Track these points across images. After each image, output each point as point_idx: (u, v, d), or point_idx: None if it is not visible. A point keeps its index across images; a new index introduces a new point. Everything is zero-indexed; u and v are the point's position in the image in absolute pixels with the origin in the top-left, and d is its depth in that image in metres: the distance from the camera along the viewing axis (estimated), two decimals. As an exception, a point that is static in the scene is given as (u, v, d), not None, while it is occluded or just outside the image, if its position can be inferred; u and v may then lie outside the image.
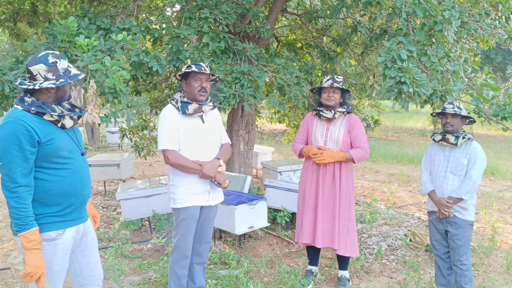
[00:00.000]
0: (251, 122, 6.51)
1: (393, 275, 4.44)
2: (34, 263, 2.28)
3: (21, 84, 2.36)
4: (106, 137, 13.79)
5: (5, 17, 6.75)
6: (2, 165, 2.26)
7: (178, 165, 3.22)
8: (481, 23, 4.63)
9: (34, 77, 2.37)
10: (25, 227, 2.26)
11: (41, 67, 2.37)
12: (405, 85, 3.76)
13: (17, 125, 2.26)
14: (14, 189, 2.25)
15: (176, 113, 3.29)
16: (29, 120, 2.31)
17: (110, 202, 7.08)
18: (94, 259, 2.76)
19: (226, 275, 4.13)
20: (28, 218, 2.27)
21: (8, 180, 2.25)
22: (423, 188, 3.83)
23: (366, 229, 5.68)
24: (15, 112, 2.33)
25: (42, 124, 2.36)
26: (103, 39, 4.38)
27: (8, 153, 2.24)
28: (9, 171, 2.24)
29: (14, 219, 2.26)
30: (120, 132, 8.01)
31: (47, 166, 2.38)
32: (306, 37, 7.70)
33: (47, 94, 2.42)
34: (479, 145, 3.62)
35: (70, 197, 2.47)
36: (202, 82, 3.29)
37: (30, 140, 2.28)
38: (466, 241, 3.64)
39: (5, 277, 4.25)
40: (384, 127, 22.55)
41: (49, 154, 2.37)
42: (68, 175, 2.46)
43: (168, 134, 3.22)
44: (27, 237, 2.26)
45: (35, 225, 2.30)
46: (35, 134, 2.29)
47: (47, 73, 2.38)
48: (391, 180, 9.41)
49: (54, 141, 2.38)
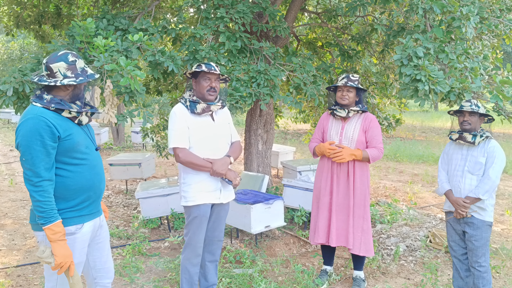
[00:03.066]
0: (269, 121, 6.50)
1: (411, 277, 4.36)
2: (62, 253, 2.36)
3: (40, 81, 2.43)
4: (131, 137, 13.99)
5: (30, 19, 6.92)
6: (25, 160, 2.32)
7: (189, 163, 3.24)
8: (502, 18, 4.51)
9: (53, 74, 2.44)
10: (50, 219, 2.33)
11: (61, 64, 2.44)
12: (420, 83, 3.69)
13: (38, 121, 2.33)
14: (39, 183, 2.31)
15: (186, 112, 3.32)
16: (49, 116, 2.38)
17: (131, 201, 7.18)
18: (107, 252, 2.83)
19: (240, 274, 4.14)
20: (52, 211, 2.34)
21: (32, 174, 2.32)
22: (439, 188, 3.75)
23: (386, 230, 5.59)
24: (35, 109, 2.39)
25: (61, 120, 2.43)
26: (120, 40, 4.44)
27: (31, 148, 2.31)
28: (33, 166, 2.31)
29: (39, 213, 2.32)
30: (142, 131, 8.14)
31: (66, 162, 2.46)
32: (326, 35, 7.64)
33: (65, 92, 2.50)
34: (498, 144, 3.51)
35: (88, 191, 2.55)
36: (212, 82, 3.31)
37: (51, 136, 2.35)
38: (484, 242, 3.54)
39: (26, 273, 4.36)
40: (412, 127, 22.17)
41: (68, 149, 2.44)
42: (86, 170, 2.54)
43: (179, 132, 3.25)
44: (52, 229, 2.34)
45: (59, 218, 2.37)
46: (55, 130, 2.37)
47: (66, 71, 2.46)
48: (415, 180, 9.24)
49: (72, 137, 2.46)
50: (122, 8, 6.84)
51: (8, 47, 19.73)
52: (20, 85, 4.12)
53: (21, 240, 5.30)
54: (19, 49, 19.18)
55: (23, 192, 7.76)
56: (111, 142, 14.14)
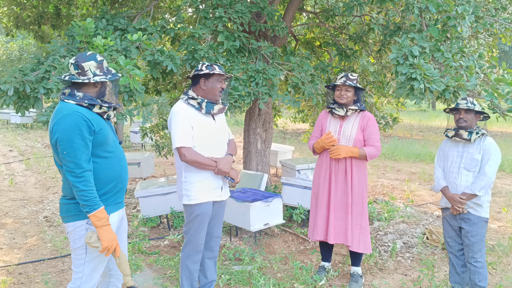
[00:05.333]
0: (268, 120, 6.55)
1: (408, 273, 4.41)
2: (108, 237, 2.52)
3: (72, 78, 2.57)
4: (130, 137, 14.03)
5: (30, 20, 6.97)
6: (66, 153, 2.45)
7: (194, 162, 3.27)
8: (497, 17, 4.56)
9: (84, 72, 2.57)
10: (94, 207, 2.48)
11: (92, 63, 2.59)
12: (416, 82, 3.74)
13: (76, 117, 2.48)
14: (81, 174, 2.46)
15: (189, 111, 3.33)
16: (84, 112, 2.53)
17: (130, 200, 7.22)
18: (125, 243, 2.94)
19: (240, 271, 4.18)
20: (96, 199, 2.50)
21: (74, 166, 2.45)
22: (436, 185, 3.80)
23: (383, 227, 5.65)
24: (69, 105, 2.53)
25: (93, 116, 2.58)
26: (119, 40, 4.49)
27: (72, 142, 2.45)
28: (75, 158, 2.45)
29: (84, 201, 2.46)
30: (141, 131, 8.18)
31: (98, 155, 2.60)
32: (324, 35, 7.69)
33: (94, 89, 2.65)
34: (493, 141, 3.57)
35: (117, 182, 2.71)
36: (223, 83, 3.40)
37: (88, 130, 2.51)
38: (480, 238, 3.59)
39: (27, 271, 4.40)
40: (409, 126, 22.26)
41: (100, 142, 2.59)
42: (114, 162, 2.70)
43: (183, 132, 3.26)
44: (97, 216, 2.49)
45: (101, 205, 2.53)
46: (91, 124, 2.52)
47: (96, 69, 2.61)
48: (413, 179, 9.30)
49: (103, 131, 2.60)
50: (120, 8, 6.89)
51: (7, 47, 19.76)
52: (20, 85, 4.16)
53: (22, 239, 5.34)
54: (18, 50, 19.22)
55: (22, 191, 7.80)
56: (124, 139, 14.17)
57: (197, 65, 3.43)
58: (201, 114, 3.37)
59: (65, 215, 2.62)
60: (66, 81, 2.60)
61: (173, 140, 3.29)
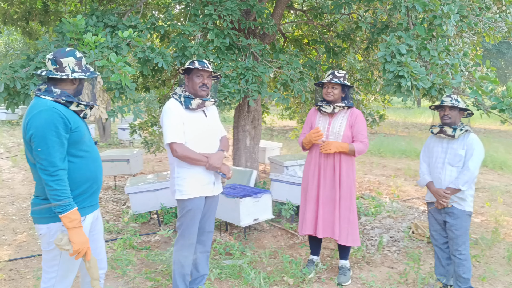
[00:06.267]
0: (257, 117, 6.61)
1: (394, 266, 4.52)
2: (79, 240, 2.45)
3: (49, 74, 2.51)
4: (118, 134, 13.99)
5: (18, 16, 6.92)
6: (41, 151, 2.38)
7: (186, 157, 3.32)
8: (481, 17, 4.68)
9: (63, 68, 2.53)
10: (67, 207, 2.41)
11: (71, 59, 2.55)
12: (403, 79, 3.83)
13: (52, 113, 2.41)
14: (55, 172, 2.38)
15: (180, 107, 3.39)
16: (60, 108, 2.47)
17: (120, 196, 7.24)
18: (101, 243, 2.92)
19: (230, 265, 4.25)
20: (69, 199, 2.42)
21: (48, 164, 2.38)
22: (421, 179, 3.90)
23: (370, 222, 5.76)
24: (45, 101, 2.47)
25: (69, 113, 2.53)
26: (110, 36, 4.51)
27: (47, 139, 2.38)
28: (49, 156, 2.38)
29: (57, 201, 2.39)
30: (130, 128, 8.19)
31: (74, 154, 2.54)
32: (312, 33, 7.77)
33: (72, 86, 2.60)
34: (477, 137, 3.68)
35: (92, 183, 2.65)
36: (204, 78, 3.41)
37: (65, 127, 2.45)
38: (464, 231, 3.70)
39: (18, 267, 4.42)
40: (395, 123, 22.48)
41: (76, 141, 2.53)
42: (90, 162, 2.64)
43: (175, 128, 3.31)
44: (69, 217, 2.42)
45: (74, 206, 2.45)
46: (67, 121, 2.46)
47: (75, 66, 2.57)
48: (398, 174, 9.45)
49: (80, 129, 2.56)
50: (109, 5, 6.88)
51: (-8, 43, 19.56)
52: (11, 81, 4.15)
53: (12, 236, 5.34)
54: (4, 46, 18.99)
55: (10, 188, 7.77)
56: (97, 139, 14.11)
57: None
58: (190, 110, 3.42)
59: (39, 216, 2.53)
60: (42, 76, 2.54)
61: (165, 136, 3.33)
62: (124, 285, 4.03)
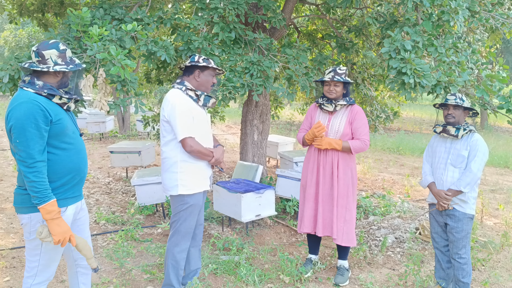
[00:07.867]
0: (265, 112, 6.55)
1: (396, 267, 4.42)
2: (59, 231, 2.48)
3: (32, 66, 2.52)
4: (136, 126, 14.12)
5: (34, 8, 7.02)
6: (19, 142, 2.40)
7: (197, 152, 3.31)
8: (493, 12, 4.50)
9: (45, 60, 2.53)
10: (44, 199, 2.43)
11: (53, 52, 2.55)
12: (406, 76, 3.72)
13: (32, 105, 2.42)
14: (33, 164, 2.40)
15: (189, 101, 3.37)
16: (41, 101, 2.48)
17: (130, 188, 7.30)
18: (87, 234, 2.93)
19: (226, 261, 4.23)
20: (47, 191, 2.44)
21: (26, 156, 2.40)
22: (423, 180, 3.80)
23: (377, 221, 5.65)
24: (27, 93, 2.48)
25: (51, 105, 2.53)
26: (115, 29, 4.52)
27: (26, 131, 2.40)
28: (27, 148, 2.40)
29: (34, 193, 2.41)
30: (144, 120, 8.25)
31: (56, 146, 2.55)
32: (326, 27, 7.65)
33: (55, 79, 2.60)
34: (481, 137, 3.54)
35: (75, 174, 2.66)
36: (214, 78, 3.51)
37: (44, 119, 2.45)
38: (465, 234, 3.58)
39: (21, 255, 4.49)
40: (420, 120, 22.08)
41: (58, 133, 2.54)
42: (73, 154, 2.65)
43: (187, 122, 3.30)
44: (46, 208, 2.44)
45: (53, 197, 2.47)
46: (47, 114, 2.46)
47: (57, 58, 2.56)
48: (415, 173, 9.25)
49: (62, 121, 2.56)
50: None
51: (16, 34, 19.93)
52: (16, 72, 4.21)
53: (19, 224, 5.44)
54: (27, 37, 19.37)
55: (25, 177, 7.91)
56: (116, 130, 14.28)
57: (193, 56, 3.46)
58: (198, 105, 3.42)
59: (20, 206, 2.56)
60: (26, 68, 2.54)
61: (178, 131, 3.27)
62: (120, 276, 4.04)
